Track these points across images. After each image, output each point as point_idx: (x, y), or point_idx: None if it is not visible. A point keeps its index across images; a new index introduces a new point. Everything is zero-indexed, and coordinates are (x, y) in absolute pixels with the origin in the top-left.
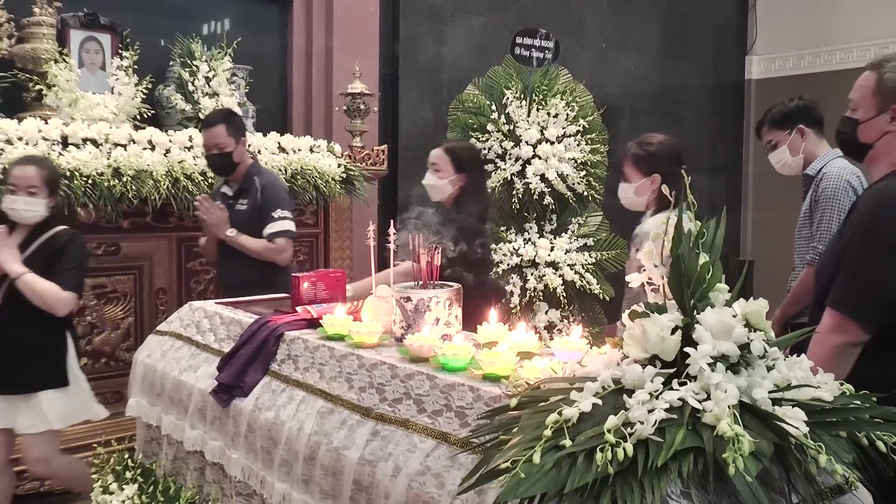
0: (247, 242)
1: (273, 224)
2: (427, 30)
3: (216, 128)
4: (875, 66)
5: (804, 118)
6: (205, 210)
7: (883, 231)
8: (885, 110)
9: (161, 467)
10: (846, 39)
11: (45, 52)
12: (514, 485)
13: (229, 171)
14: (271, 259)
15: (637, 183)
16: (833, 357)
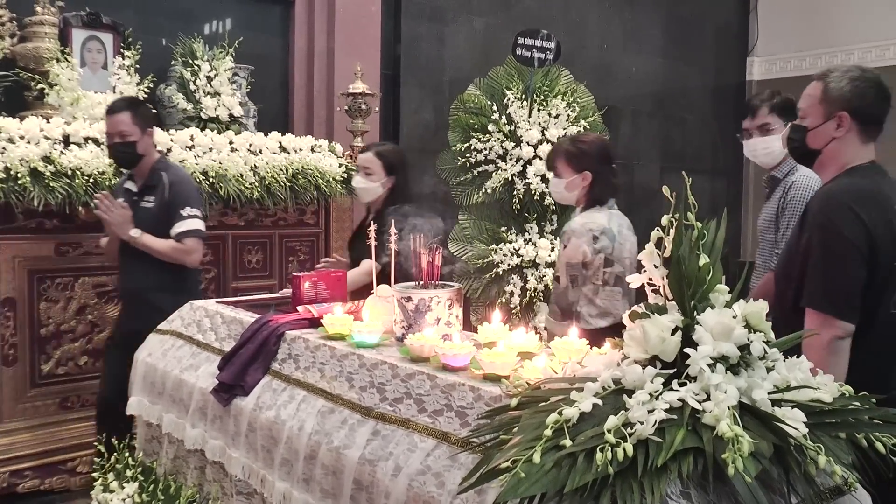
0: (152, 243)
1: (182, 223)
2: (428, 30)
3: (120, 114)
4: (821, 77)
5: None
6: (105, 208)
7: (840, 227)
8: (832, 118)
9: (161, 466)
10: (847, 41)
11: (48, 52)
12: (515, 484)
13: (132, 164)
14: (179, 261)
15: (568, 179)
16: (827, 355)
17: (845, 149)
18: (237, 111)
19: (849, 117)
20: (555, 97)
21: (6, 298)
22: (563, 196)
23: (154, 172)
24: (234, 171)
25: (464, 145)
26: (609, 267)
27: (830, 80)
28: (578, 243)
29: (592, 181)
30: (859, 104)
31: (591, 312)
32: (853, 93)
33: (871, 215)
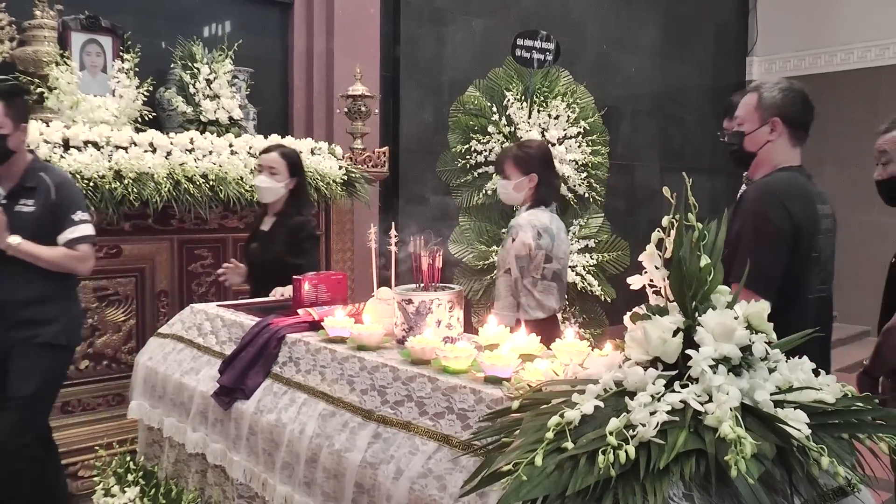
0: (38, 251)
1: (74, 228)
2: (428, 32)
3: None
4: (755, 88)
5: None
6: None
7: (769, 216)
8: (766, 123)
9: (163, 470)
10: (846, 40)
11: (47, 55)
12: (517, 487)
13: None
14: (71, 269)
15: (516, 181)
16: None
17: (777, 151)
18: (237, 114)
19: (781, 122)
20: (554, 98)
21: None
22: (510, 197)
23: (30, 173)
24: (234, 173)
25: (464, 147)
26: (548, 263)
27: (764, 91)
28: (525, 237)
29: (538, 183)
30: (789, 111)
31: (530, 304)
32: (784, 101)
33: (797, 208)
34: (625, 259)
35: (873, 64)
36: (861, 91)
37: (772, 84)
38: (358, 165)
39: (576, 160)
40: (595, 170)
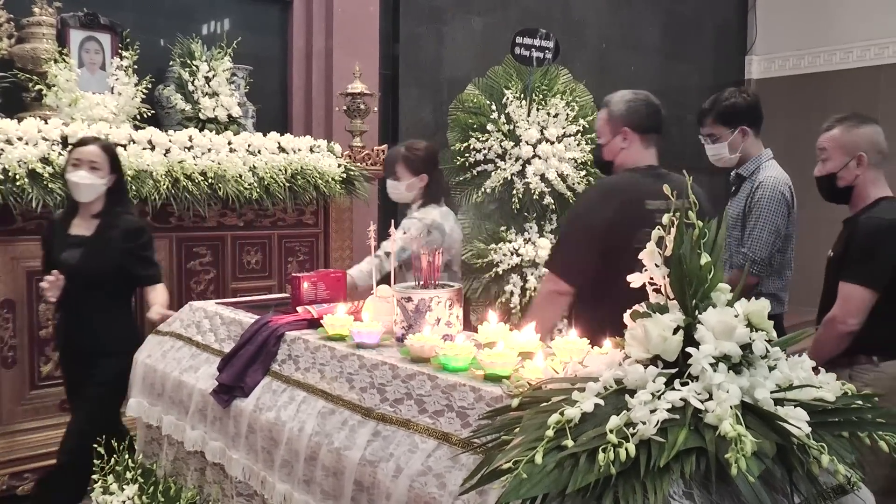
0: None
1: None
2: (427, 30)
3: None
4: (605, 104)
5: (748, 118)
6: None
7: (581, 211)
8: (617, 134)
9: (161, 468)
10: (846, 39)
11: (45, 52)
12: (516, 485)
13: None
14: None
15: (408, 181)
16: (543, 301)
17: (630, 156)
18: (236, 111)
19: (630, 131)
20: (554, 96)
21: (5, 300)
22: (402, 196)
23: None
24: (232, 171)
25: (463, 145)
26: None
27: (612, 105)
28: (415, 234)
29: (428, 182)
30: (635, 119)
31: None
32: (629, 111)
33: (616, 207)
34: None
35: (873, 63)
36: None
37: (618, 98)
38: (357, 163)
39: (575, 158)
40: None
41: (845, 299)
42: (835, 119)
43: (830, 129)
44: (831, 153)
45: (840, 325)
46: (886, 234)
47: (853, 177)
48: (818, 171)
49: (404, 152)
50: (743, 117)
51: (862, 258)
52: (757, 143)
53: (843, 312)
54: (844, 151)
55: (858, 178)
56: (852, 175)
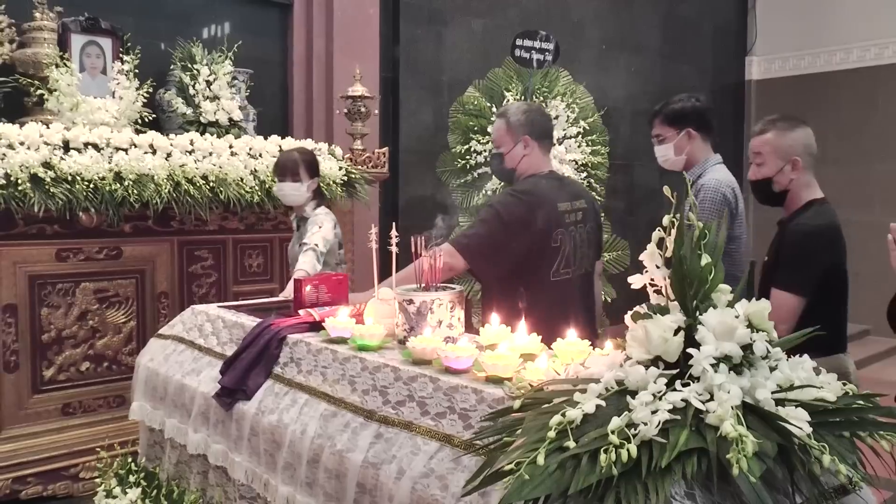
0: None
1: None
2: (427, 32)
3: None
4: (503, 114)
5: (695, 122)
6: None
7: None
8: (518, 142)
9: (164, 471)
10: (846, 40)
11: (47, 57)
12: (519, 487)
13: None
14: None
15: (308, 182)
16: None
17: (532, 162)
18: (237, 115)
19: (529, 139)
20: (554, 98)
21: (7, 305)
22: (301, 198)
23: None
24: (234, 175)
25: (463, 147)
26: (341, 249)
27: (510, 116)
28: (330, 227)
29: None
30: (535, 128)
31: None
32: (528, 121)
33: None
34: (625, 259)
35: (872, 63)
36: (860, 90)
37: (515, 109)
38: (358, 166)
39: (576, 160)
40: (595, 170)
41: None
42: (767, 122)
43: (764, 133)
44: (766, 157)
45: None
46: (813, 239)
47: (788, 181)
48: (752, 174)
49: (305, 156)
50: (689, 120)
51: (790, 264)
52: (705, 149)
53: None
54: (779, 155)
55: (793, 182)
56: (787, 179)
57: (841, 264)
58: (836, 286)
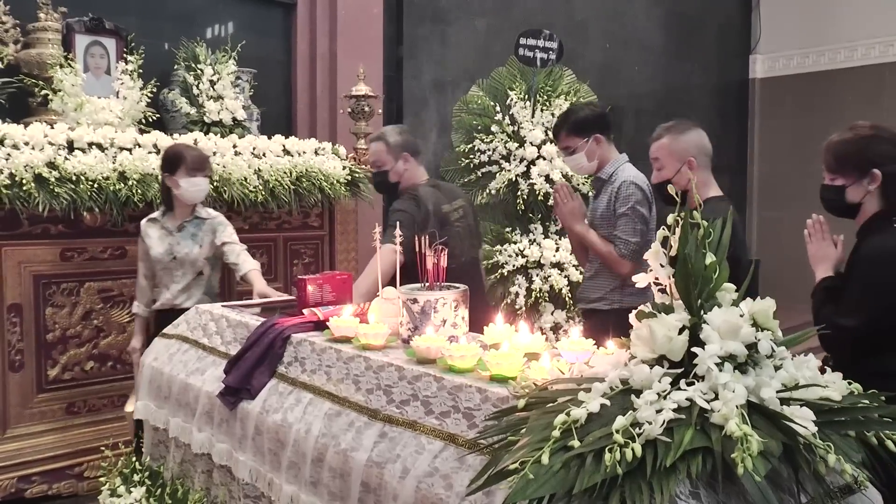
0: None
1: None
2: (430, 31)
3: None
4: (379, 137)
5: (599, 127)
6: None
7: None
8: (399, 159)
9: (169, 470)
10: (850, 37)
11: (51, 57)
12: (523, 486)
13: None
14: None
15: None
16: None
17: (413, 174)
18: (240, 115)
19: (408, 155)
20: (558, 97)
21: (12, 304)
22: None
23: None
24: (237, 174)
25: (467, 146)
26: None
27: (388, 138)
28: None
29: None
30: (410, 146)
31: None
32: (405, 141)
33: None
34: None
35: (877, 61)
36: (865, 88)
37: (391, 131)
38: (361, 165)
39: None
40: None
41: None
42: (662, 128)
43: (660, 139)
44: (664, 161)
45: None
46: None
47: (686, 181)
48: (654, 178)
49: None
50: (594, 126)
51: None
52: (611, 149)
53: None
54: (676, 158)
55: (690, 182)
56: (685, 180)
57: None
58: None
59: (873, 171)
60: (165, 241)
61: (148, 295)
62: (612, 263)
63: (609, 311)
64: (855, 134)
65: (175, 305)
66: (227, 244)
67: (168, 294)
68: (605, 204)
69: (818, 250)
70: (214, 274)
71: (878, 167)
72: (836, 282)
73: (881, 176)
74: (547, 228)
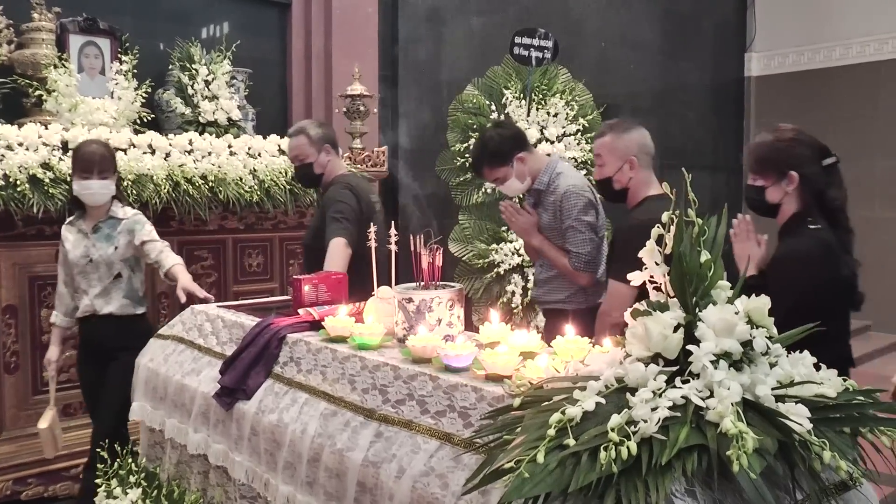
0: None
1: None
2: (426, 30)
3: None
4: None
5: (517, 147)
6: None
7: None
8: (322, 151)
9: (165, 471)
10: (845, 35)
11: (45, 58)
12: (519, 485)
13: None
14: None
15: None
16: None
17: (336, 166)
18: (235, 114)
19: (330, 147)
20: (553, 96)
21: (7, 306)
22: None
23: None
24: (233, 174)
25: (463, 145)
26: None
27: (309, 131)
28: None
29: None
30: (332, 138)
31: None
32: (325, 134)
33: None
34: None
35: (872, 59)
36: (860, 86)
37: (310, 124)
38: (357, 165)
39: (575, 158)
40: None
41: (611, 295)
42: (605, 125)
43: (602, 136)
44: (606, 158)
45: (607, 318)
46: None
47: (627, 179)
48: (596, 175)
49: (110, 150)
50: (512, 149)
51: (621, 256)
52: (537, 158)
53: (608, 307)
54: (617, 156)
55: (632, 180)
56: (626, 177)
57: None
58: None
59: (790, 173)
60: (81, 243)
61: (67, 302)
62: (570, 275)
63: (575, 312)
64: (776, 137)
65: (95, 311)
66: (147, 243)
67: (87, 300)
68: (550, 215)
69: (742, 250)
70: (135, 276)
71: (796, 169)
72: (760, 280)
73: (798, 178)
74: None
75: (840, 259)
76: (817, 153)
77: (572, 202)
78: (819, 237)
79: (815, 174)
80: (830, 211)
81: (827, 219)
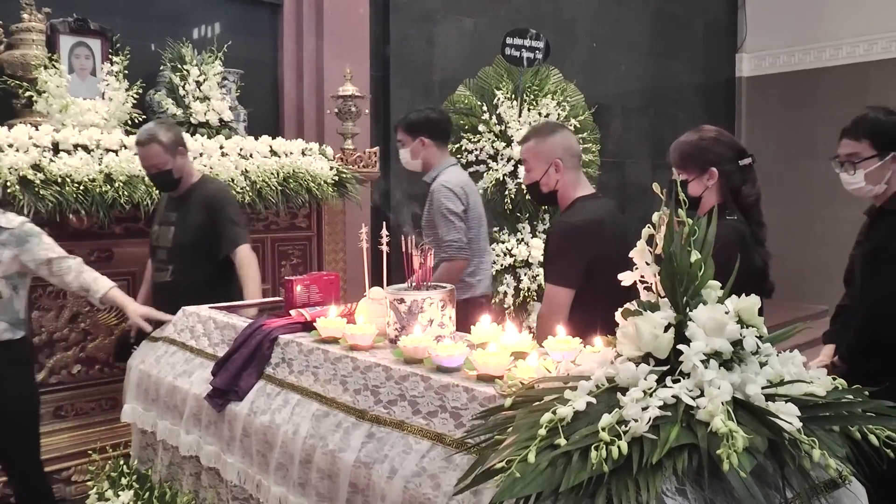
0: None
1: None
2: (417, 31)
3: None
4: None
5: (427, 131)
6: None
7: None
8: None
9: (157, 473)
10: (836, 36)
11: (35, 59)
12: (510, 484)
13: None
14: None
15: None
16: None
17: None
18: (227, 115)
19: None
20: (545, 96)
21: None
22: None
23: None
24: (224, 175)
25: (454, 146)
26: None
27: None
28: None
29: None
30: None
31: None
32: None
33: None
34: None
35: (862, 59)
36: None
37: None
38: (349, 166)
39: None
40: (586, 167)
41: (547, 298)
42: (530, 130)
43: (527, 141)
44: (531, 163)
45: (546, 321)
46: (571, 234)
47: (554, 182)
48: (524, 180)
49: None
50: (422, 129)
51: (554, 259)
52: (439, 154)
53: (546, 310)
54: (542, 160)
55: (559, 183)
56: (553, 180)
57: (605, 254)
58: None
59: (711, 170)
60: None
61: None
62: (452, 272)
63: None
64: (699, 136)
65: None
66: (55, 261)
67: None
68: (427, 209)
69: None
70: (18, 297)
71: (716, 166)
72: None
73: (717, 174)
74: (535, 227)
75: (752, 248)
76: (736, 153)
77: (439, 194)
78: (734, 226)
79: (732, 172)
80: (745, 206)
81: (742, 213)
